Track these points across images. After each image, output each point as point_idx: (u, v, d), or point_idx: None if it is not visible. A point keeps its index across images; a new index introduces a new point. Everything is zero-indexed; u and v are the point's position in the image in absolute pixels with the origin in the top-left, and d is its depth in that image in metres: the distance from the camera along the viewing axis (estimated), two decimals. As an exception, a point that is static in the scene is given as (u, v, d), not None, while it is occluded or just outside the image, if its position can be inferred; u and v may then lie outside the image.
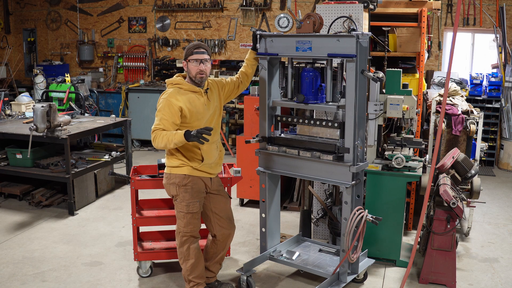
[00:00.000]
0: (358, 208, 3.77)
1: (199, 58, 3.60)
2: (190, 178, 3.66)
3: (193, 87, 3.64)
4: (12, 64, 10.60)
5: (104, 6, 10.26)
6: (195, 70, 3.60)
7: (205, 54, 3.63)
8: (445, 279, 4.09)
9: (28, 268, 4.45)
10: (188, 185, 3.65)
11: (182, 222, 3.71)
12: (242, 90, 4.05)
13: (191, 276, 3.80)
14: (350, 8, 4.46)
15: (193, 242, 3.76)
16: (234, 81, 3.96)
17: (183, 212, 3.69)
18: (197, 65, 3.59)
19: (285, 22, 4.27)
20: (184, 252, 3.76)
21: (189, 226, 3.71)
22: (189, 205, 3.67)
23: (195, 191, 3.68)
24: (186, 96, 3.58)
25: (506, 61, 7.95)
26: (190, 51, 3.61)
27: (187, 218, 3.69)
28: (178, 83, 3.63)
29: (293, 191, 6.11)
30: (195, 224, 3.73)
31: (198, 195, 3.70)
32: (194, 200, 3.68)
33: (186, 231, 3.72)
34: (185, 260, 3.78)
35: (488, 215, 5.84)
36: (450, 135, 5.42)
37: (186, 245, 3.74)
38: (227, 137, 8.93)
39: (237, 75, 4.01)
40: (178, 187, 3.66)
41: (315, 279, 4.19)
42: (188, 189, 3.66)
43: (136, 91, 9.23)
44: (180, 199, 3.68)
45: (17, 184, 6.37)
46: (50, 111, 5.54)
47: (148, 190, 4.49)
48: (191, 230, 3.72)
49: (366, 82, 3.94)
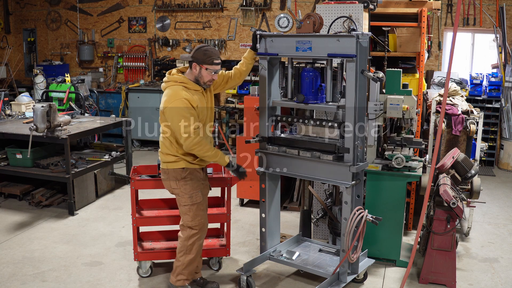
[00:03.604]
0: (358, 208, 3.77)
1: (217, 70, 3.65)
2: (188, 170, 3.69)
3: (196, 86, 3.67)
4: (12, 64, 10.60)
5: (104, 6, 10.26)
6: (208, 77, 3.64)
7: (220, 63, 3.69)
8: (445, 279, 4.10)
9: (28, 268, 4.45)
10: (187, 177, 3.69)
11: (189, 217, 3.73)
12: (231, 86, 4.05)
13: (184, 270, 3.81)
14: (350, 8, 4.46)
15: (200, 238, 3.80)
16: (223, 75, 3.96)
17: (188, 205, 3.71)
18: (211, 74, 3.63)
19: (285, 22, 4.28)
20: (188, 246, 3.77)
21: (197, 218, 3.73)
22: (192, 196, 3.71)
23: (194, 181, 3.72)
24: (193, 95, 3.61)
25: (506, 61, 7.95)
26: (210, 60, 3.59)
27: (193, 210, 3.71)
28: (183, 82, 3.63)
29: (293, 191, 6.11)
30: (202, 216, 3.76)
31: (198, 185, 3.75)
32: (195, 191, 3.72)
33: (195, 224, 3.73)
34: (185, 253, 3.79)
35: (488, 215, 5.84)
36: (450, 135, 5.42)
37: (192, 239, 3.76)
38: (227, 137, 8.93)
39: (229, 71, 4.01)
40: (178, 181, 3.69)
41: (315, 279, 4.19)
42: (188, 181, 3.69)
43: (136, 91, 9.23)
44: (182, 192, 3.71)
45: (17, 184, 6.37)
46: (50, 111, 5.54)
47: (148, 190, 4.48)
48: (199, 222, 3.74)
49: (366, 82, 3.95)
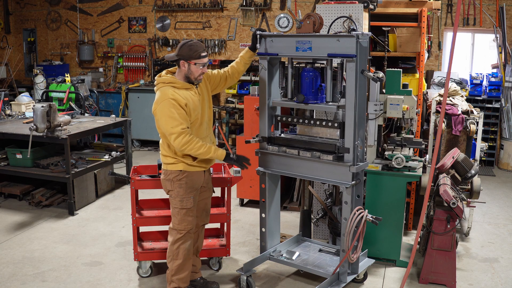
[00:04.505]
0: (358, 208, 3.77)
1: (206, 63, 3.61)
2: (185, 173, 3.65)
3: (186, 85, 3.61)
4: (12, 64, 10.60)
5: (104, 6, 10.26)
6: (198, 72, 3.59)
7: (207, 56, 3.64)
8: (445, 279, 4.10)
9: (28, 268, 4.45)
10: (183, 180, 3.65)
11: (177, 219, 3.71)
12: (229, 85, 4.02)
13: (174, 276, 3.77)
14: (350, 8, 4.46)
15: (184, 242, 3.73)
16: (221, 74, 3.92)
17: (178, 208, 3.69)
18: (201, 68, 3.59)
19: (285, 22, 4.27)
20: (174, 250, 3.74)
21: (183, 223, 3.70)
22: (183, 200, 3.67)
23: (189, 186, 3.67)
24: (183, 94, 3.56)
25: (506, 61, 7.95)
26: (197, 55, 3.55)
27: (181, 214, 3.68)
28: (171, 82, 3.59)
29: (293, 191, 6.11)
30: (189, 222, 3.72)
31: (192, 190, 3.70)
32: (188, 196, 3.68)
33: (180, 229, 3.71)
34: (173, 259, 3.75)
35: (488, 215, 5.84)
36: (450, 135, 5.42)
37: (177, 244, 3.73)
38: (227, 137, 8.92)
39: (226, 69, 3.97)
40: (173, 182, 3.66)
41: (315, 279, 4.19)
42: (183, 184, 3.65)
43: (136, 91, 9.23)
44: (174, 194, 3.68)
45: (17, 184, 6.37)
46: (50, 111, 5.54)
47: (148, 190, 4.49)
48: (185, 227, 3.71)
49: (366, 82, 3.94)
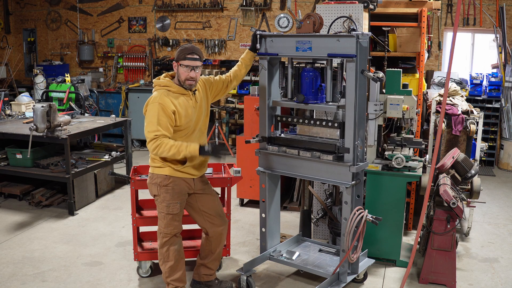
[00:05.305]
0: (358, 208, 3.77)
1: (191, 65, 3.47)
2: (171, 179, 3.59)
3: (182, 90, 3.52)
4: (12, 64, 10.60)
5: (104, 6, 10.26)
6: (184, 75, 3.48)
7: (198, 60, 3.48)
8: (445, 279, 4.09)
9: (28, 268, 4.45)
10: (169, 185, 3.59)
11: (163, 223, 3.68)
12: (230, 89, 3.96)
13: (169, 278, 3.75)
14: (350, 8, 4.46)
15: (173, 244, 3.70)
16: (223, 80, 3.85)
17: (164, 212, 3.64)
18: (188, 71, 3.47)
19: (285, 22, 4.26)
20: (164, 253, 3.71)
21: (169, 228, 3.66)
22: (169, 205, 3.61)
23: (176, 192, 3.61)
24: (176, 99, 3.48)
25: (506, 61, 7.95)
26: (182, 55, 3.46)
27: (167, 219, 3.64)
28: (167, 85, 3.50)
29: (293, 191, 6.11)
30: (175, 226, 3.68)
31: (179, 196, 3.64)
32: (174, 202, 3.62)
33: (166, 232, 3.68)
34: (164, 261, 3.73)
35: (488, 215, 5.84)
36: (450, 135, 5.42)
37: (166, 247, 3.70)
38: (227, 137, 8.93)
39: (227, 74, 3.90)
40: (159, 187, 3.61)
41: (315, 279, 4.19)
42: (169, 190, 3.59)
43: (136, 91, 9.23)
44: (161, 199, 3.63)
45: (17, 184, 6.37)
46: (50, 111, 5.54)
47: (148, 190, 4.48)
48: (171, 231, 3.68)
49: (366, 82, 3.94)
